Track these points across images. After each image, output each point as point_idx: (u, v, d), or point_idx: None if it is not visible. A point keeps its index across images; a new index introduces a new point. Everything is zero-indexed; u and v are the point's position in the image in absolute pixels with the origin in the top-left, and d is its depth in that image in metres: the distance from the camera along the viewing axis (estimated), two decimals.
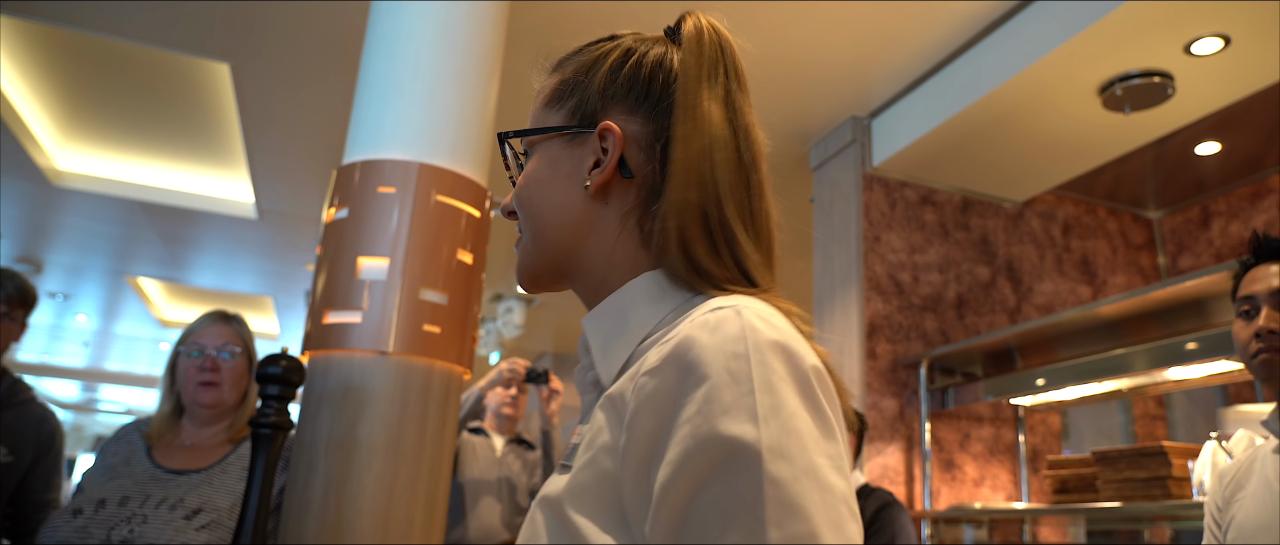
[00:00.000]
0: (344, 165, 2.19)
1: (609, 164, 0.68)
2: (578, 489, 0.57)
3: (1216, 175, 4.10)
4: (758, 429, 0.51)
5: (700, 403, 0.53)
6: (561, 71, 0.75)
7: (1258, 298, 1.36)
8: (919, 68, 3.40)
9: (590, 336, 0.68)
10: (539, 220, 0.71)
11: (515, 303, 6.77)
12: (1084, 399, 3.34)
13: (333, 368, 2.01)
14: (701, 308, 0.60)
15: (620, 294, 0.67)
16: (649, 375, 0.56)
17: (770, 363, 0.54)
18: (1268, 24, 2.66)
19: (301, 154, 4.44)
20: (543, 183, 0.71)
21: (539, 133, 0.73)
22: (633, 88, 0.70)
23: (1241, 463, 1.43)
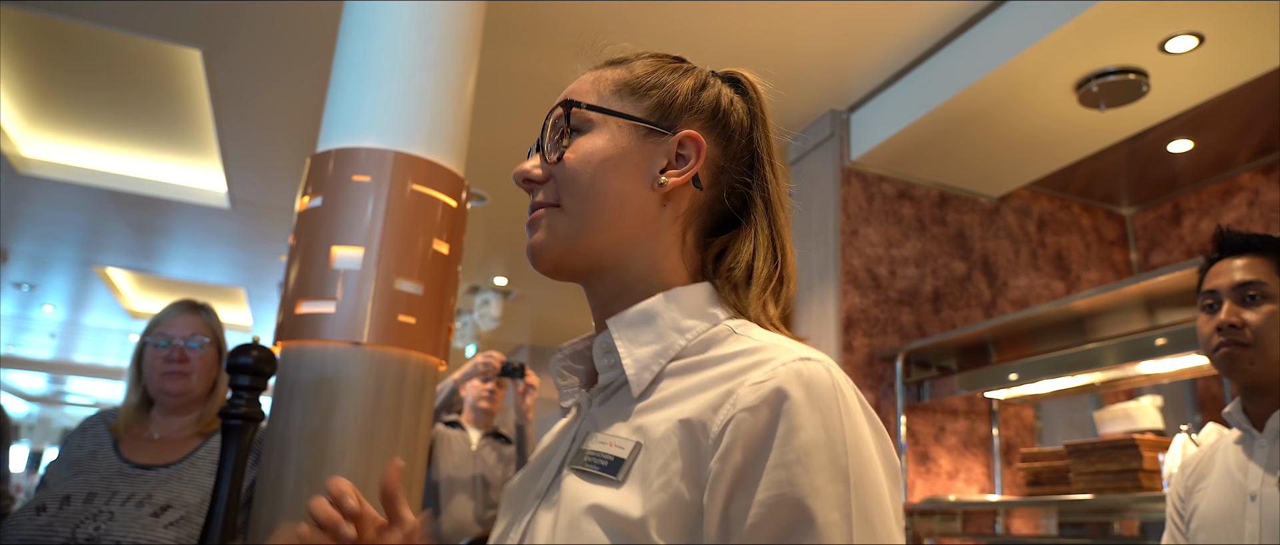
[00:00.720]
0: (318, 153, 2.16)
1: (690, 171, 0.70)
2: (655, 512, 0.57)
3: (1188, 173, 4.15)
4: (848, 492, 0.54)
5: (799, 452, 0.55)
6: (629, 68, 0.75)
7: (1220, 292, 1.38)
8: (898, 62, 3.41)
9: (619, 342, 0.67)
10: (596, 198, 0.69)
11: (492, 295, 6.74)
12: (1057, 392, 3.38)
13: (306, 358, 1.98)
14: (778, 349, 0.61)
15: (655, 305, 0.68)
16: (747, 412, 0.57)
17: (857, 425, 0.58)
18: (1241, 23, 2.69)
19: (275, 143, 4.38)
20: (610, 163, 0.70)
21: (619, 115, 0.71)
22: (715, 113, 0.73)
23: (1203, 454, 1.45)
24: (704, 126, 0.72)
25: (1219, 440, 1.44)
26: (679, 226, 0.71)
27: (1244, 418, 1.37)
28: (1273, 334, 1.31)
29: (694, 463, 0.57)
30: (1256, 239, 1.39)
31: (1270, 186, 3.95)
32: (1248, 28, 2.71)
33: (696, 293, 0.69)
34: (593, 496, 0.59)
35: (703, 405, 0.59)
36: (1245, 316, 1.34)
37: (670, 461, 0.58)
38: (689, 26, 3.19)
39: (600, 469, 0.61)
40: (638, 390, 0.65)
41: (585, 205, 0.69)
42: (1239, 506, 1.32)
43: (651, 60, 0.75)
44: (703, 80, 0.74)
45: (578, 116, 0.72)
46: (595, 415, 0.69)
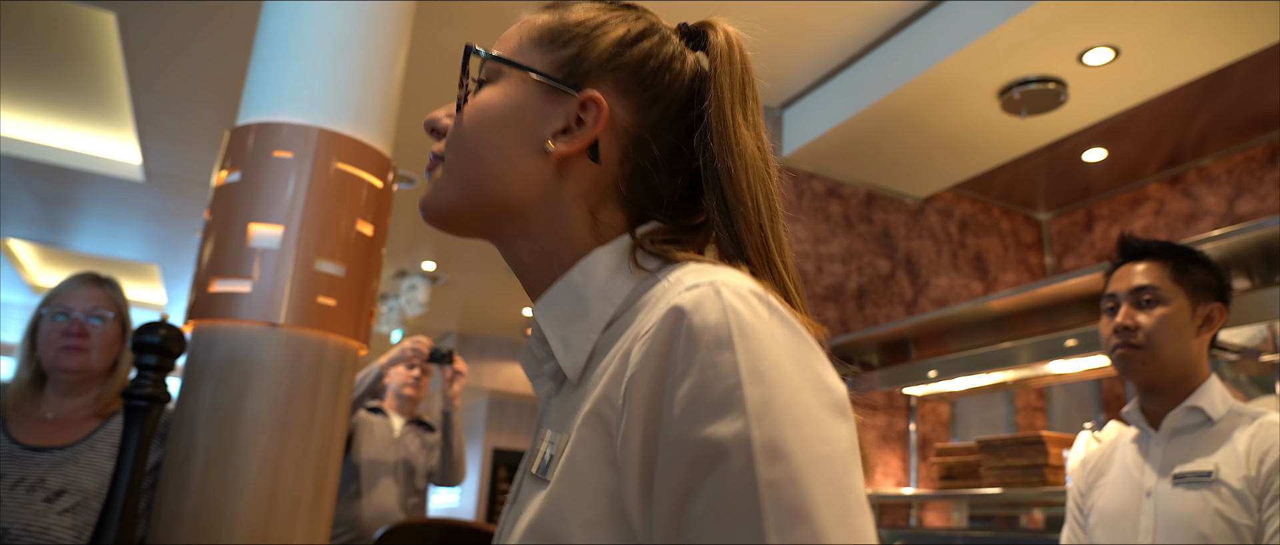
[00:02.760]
0: (238, 127, 2.08)
1: (582, 138, 0.61)
2: (570, 509, 0.51)
3: (1101, 181, 4.33)
4: (748, 427, 0.46)
5: (685, 402, 0.48)
6: (562, 13, 0.66)
7: (1119, 295, 1.44)
8: (830, 62, 3.46)
9: (545, 326, 0.61)
10: (476, 157, 0.62)
11: (419, 280, 6.62)
12: (972, 390, 3.48)
13: (218, 339, 1.91)
14: (674, 285, 0.54)
15: (573, 277, 0.61)
16: (633, 378, 0.50)
17: (759, 348, 0.49)
18: (1155, 39, 2.80)
19: (195, 113, 4.21)
20: (497, 120, 0.62)
21: (517, 66, 0.63)
22: (637, 73, 0.64)
23: (1103, 452, 1.51)
24: (625, 88, 0.63)
25: (1118, 439, 1.50)
26: (584, 202, 0.62)
27: (1141, 417, 1.43)
28: (1164, 336, 1.37)
29: (606, 443, 0.52)
30: (1154, 245, 1.45)
31: (1176, 197, 4.14)
32: (1161, 44, 2.83)
33: (612, 253, 0.61)
34: (531, 503, 0.55)
35: (609, 377, 0.53)
36: (1139, 319, 1.39)
37: (577, 449, 0.53)
38: None
39: (541, 472, 0.56)
40: (575, 375, 0.59)
41: (464, 163, 0.62)
42: (1135, 503, 1.38)
43: (588, 6, 0.66)
44: (639, 31, 0.65)
45: (486, 67, 0.65)
46: (551, 408, 0.63)
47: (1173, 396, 1.39)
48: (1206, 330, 1.40)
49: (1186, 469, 1.33)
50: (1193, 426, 1.38)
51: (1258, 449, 1.28)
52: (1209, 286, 1.41)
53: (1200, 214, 4.02)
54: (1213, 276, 1.42)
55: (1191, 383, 1.39)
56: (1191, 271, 1.41)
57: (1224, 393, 1.39)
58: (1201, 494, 1.29)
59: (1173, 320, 1.38)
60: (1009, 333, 3.18)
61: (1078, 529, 1.51)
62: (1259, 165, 3.82)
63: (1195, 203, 4.05)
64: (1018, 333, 3.13)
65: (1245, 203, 3.84)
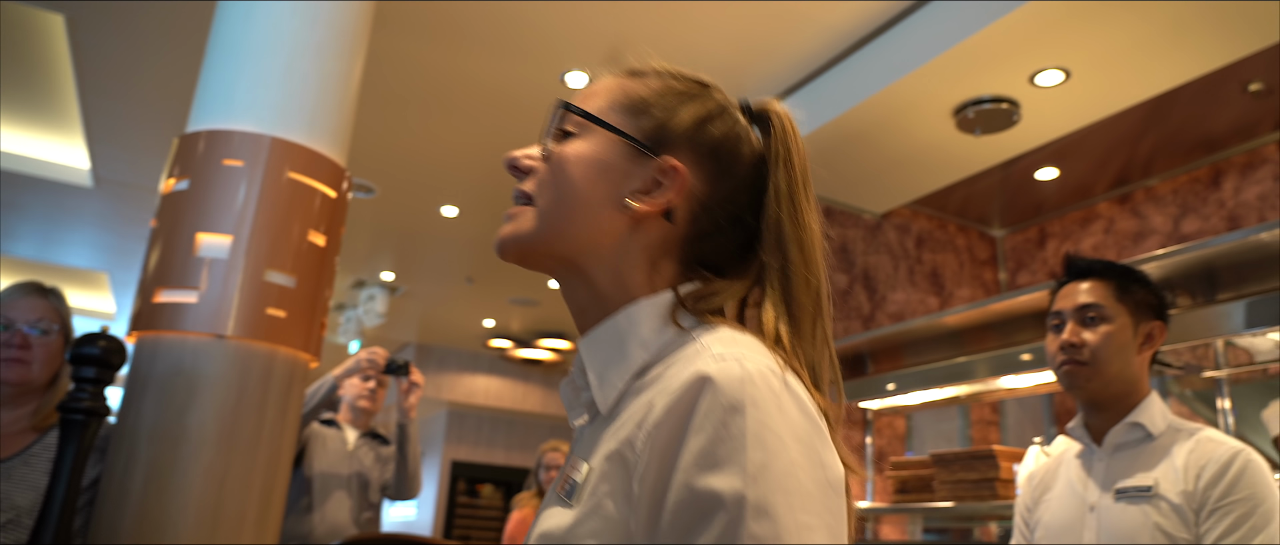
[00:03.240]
0: (187, 134, 2.04)
1: (660, 201, 0.69)
2: (586, 533, 0.58)
3: (1053, 199, 4.42)
4: (744, 486, 0.53)
5: (695, 455, 0.55)
6: (643, 81, 0.74)
7: (1064, 313, 1.47)
8: (790, 78, 3.49)
9: (587, 361, 0.68)
10: (567, 205, 0.69)
11: (378, 290, 6.54)
12: (927, 404, 3.52)
13: (162, 350, 1.86)
14: (703, 350, 0.61)
15: (618, 321, 0.67)
16: (656, 427, 0.57)
17: (767, 419, 0.55)
18: (1103, 62, 2.87)
19: (146, 119, 4.12)
20: (590, 174, 0.69)
21: (609, 128, 0.71)
22: (714, 148, 0.71)
23: (1049, 466, 1.54)
24: (697, 159, 0.70)
25: (1063, 454, 1.53)
26: (646, 256, 0.69)
27: (1085, 433, 1.46)
28: (1108, 353, 1.40)
29: (623, 482, 0.58)
30: (1099, 265, 1.48)
31: (1125, 215, 4.24)
32: (1109, 67, 2.90)
33: (657, 305, 0.67)
34: (547, 521, 0.62)
35: (634, 423, 0.60)
36: (1084, 336, 1.42)
37: (599, 484, 0.59)
38: (584, 29, 3.18)
39: (567, 494, 0.62)
40: (606, 409, 0.65)
41: (554, 207, 0.69)
42: (1079, 517, 1.40)
43: (669, 79, 0.74)
44: (712, 110, 0.72)
45: (573, 120, 0.72)
46: (583, 438, 0.69)
47: (1115, 412, 1.42)
48: (1147, 348, 1.43)
49: (1128, 483, 1.36)
50: (1134, 442, 1.41)
51: (1196, 464, 1.31)
52: (1150, 305, 1.44)
53: (1147, 233, 4.12)
54: (1153, 296, 1.46)
55: (1133, 399, 1.42)
56: (1133, 290, 1.44)
57: (1164, 409, 1.42)
58: (1142, 508, 1.32)
59: (1116, 338, 1.41)
60: (964, 347, 3.22)
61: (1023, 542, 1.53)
62: (1203, 186, 3.92)
63: (1143, 221, 4.15)
64: (972, 347, 3.18)
65: (1190, 222, 3.94)
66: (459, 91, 3.69)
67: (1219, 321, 2.38)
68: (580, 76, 3.50)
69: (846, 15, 3.06)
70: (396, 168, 4.55)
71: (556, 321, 7.55)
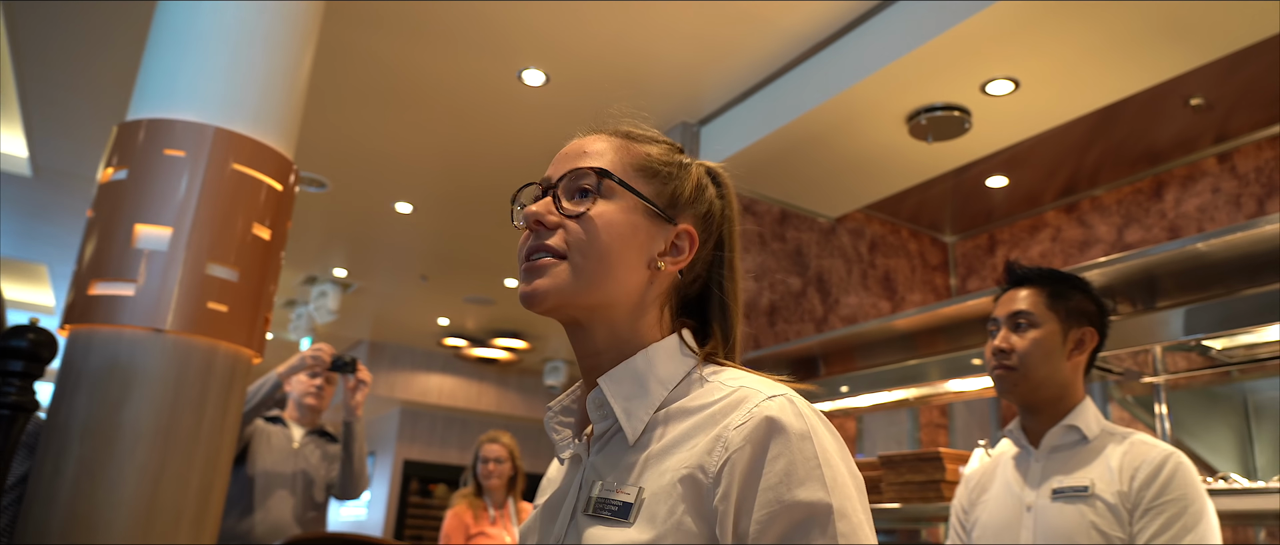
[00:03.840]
0: (127, 122, 1.98)
1: (683, 261, 0.81)
2: (663, 538, 0.68)
3: (1003, 207, 4.50)
4: (828, 495, 0.67)
5: (781, 475, 0.67)
6: (645, 147, 0.83)
7: (1000, 319, 1.51)
8: (747, 81, 3.51)
9: (611, 397, 0.77)
10: (603, 264, 0.77)
11: (330, 287, 6.44)
12: (877, 406, 3.56)
13: (97, 344, 1.81)
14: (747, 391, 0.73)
15: (637, 362, 0.78)
16: (737, 453, 0.69)
17: (825, 443, 0.70)
18: (1052, 73, 2.93)
19: (88, 107, 4.00)
20: (621, 236, 0.78)
21: (642, 198, 0.80)
22: (707, 213, 0.84)
23: (986, 468, 1.57)
24: (698, 223, 0.83)
25: (1000, 456, 1.56)
26: (659, 304, 0.81)
27: (1022, 435, 1.50)
28: (1035, 358, 1.44)
29: (697, 501, 0.69)
30: (1034, 272, 1.53)
31: (1071, 224, 4.34)
32: (1058, 78, 2.96)
33: (668, 347, 0.79)
34: (608, 537, 0.70)
35: (699, 451, 0.71)
36: (1013, 341, 1.47)
37: (676, 504, 0.69)
38: (541, 28, 3.16)
39: (612, 513, 0.71)
40: (633, 438, 0.75)
41: (594, 266, 0.77)
42: (1016, 516, 1.43)
43: (665, 147, 0.85)
44: (701, 179, 0.85)
45: (605, 184, 0.80)
46: (596, 463, 0.77)
47: (1050, 415, 1.46)
48: (1078, 353, 1.47)
49: (1064, 484, 1.39)
50: (1070, 444, 1.44)
51: (1130, 465, 1.35)
52: (1084, 312, 1.48)
53: (1093, 241, 4.21)
54: (1089, 303, 1.49)
55: (1067, 403, 1.45)
56: (1067, 297, 1.48)
57: (1098, 413, 1.47)
58: (1078, 508, 1.35)
59: (1044, 343, 1.45)
60: (915, 351, 3.26)
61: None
62: (1146, 197, 4.03)
63: (1088, 230, 4.25)
64: (923, 351, 3.22)
65: (1133, 232, 4.05)
66: (414, 87, 3.65)
67: (1158, 328, 2.44)
68: (537, 74, 3.48)
69: (804, 19, 3.08)
70: (349, 162, 4.48)
71: (512, 320, 7.49)
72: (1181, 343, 2.47)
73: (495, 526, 3.40)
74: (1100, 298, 1.51)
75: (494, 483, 3.47)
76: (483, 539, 3.34)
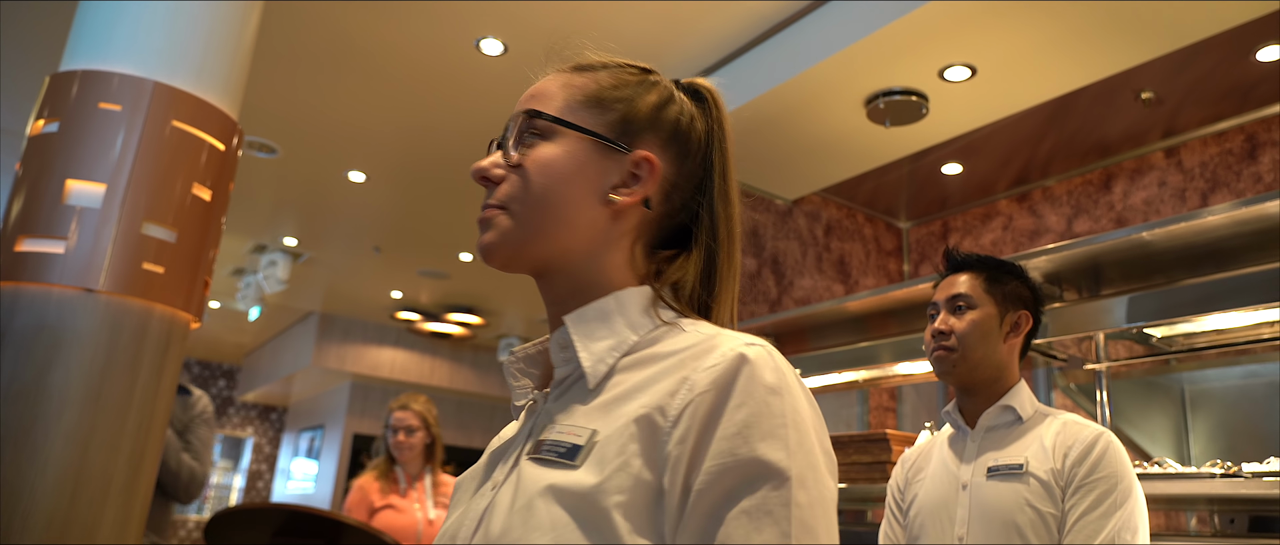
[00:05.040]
0: (59, 73, 1.90)
1: (640, 191, 0.73)
2: (614, 489, 0.61)
3: (957, 195, 4.55)
4: (789, 457, 0.60)
5: (739, 425, 0.61)
6: (594, 76, 0.77)
7: (939, 303, 1.56)
8: (708, 58, 3.49)
9: (576, 336, 0.71)
10: (546, 210, 0.72)
11: (280, 256, 6.31)
12: (828, 387, 3.59)
13: (23, 303, 1.73)
14: (723, 337, 0.66)
15: (608, 303, 0.72)
16: (700, 397, 0.62)
17: (798, 405, 0.63)
18: (1008, 62, 2.96)
19: (20, 57, 3.85)
20: (564, 177, 0.72)
21: (581, 130, 0.73)
22: (674, 132, 0.76)
23: (923, 449, 1.61)
24: (661, 145, 0.75)
25: (936, 437, 1.60)
26: (628, 240, 0.74)
27: (959, 416, 1.54)
28: (973, 340, 1.49)
29: (651, 445, 0.62)
30: (972, 258, 1.58)
31: (1023, 213, 4.41)
32: (1013, 67, 2.99)
33: (643, 294, 0.73)
34: (549, 478, 0.63)
35: (661, 392, 0.64)
36: (953, 324, 1.51)
37: (627, 444, 0.62)
38: (498, 3, 3.11)
39: (558, 455, 0.65)
40: (593, 382, 0.69)
41: (533, 213, 0.72)
42: (953, 495, 1.46)
43: (618, 71, 0.77)
44: (666, 96, 0.76)
45: (540, 125, 0.74)
46: (551, 409, 0.72)
47: (985, 397, 1.49)
48: (1014, 335, 1.52)
49: (999, 462, 1.42)
50: (1005, 425, 1.48)
51: (1062, 444, 1.38)
52: (1020, 297, 1.53)
53: (1043, 231, 4.28)
54: (1025, 288, 1.55)
55: (1003, 384, 1.50)
56: (1004, 281, 1.53)
57: (1031, 395, 1.51)
58: (1012, 486, 1.38)
59: (981, 325, 1.49)
60: (866, 333, 3.29)
61: (894, 524, 1.59)
62: (1095, 188, 4.10)
63: (1039, 220, 4.32)
64: (874, 333, 3.25)
65: (1082, 222, 4.12)
66: (370, 54, 3.56)
67: (1101, 316, 2.49)
68: (495, 44, 3.42)
69: None
70: (301, 128, 4.38)
71: (466, 295, 7.42)
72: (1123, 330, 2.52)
73: (406, 499, 3.05)
74: (1037, 284, 1.55)
75: (406, 455, 3.09)
76: (390, 512, 3.01)
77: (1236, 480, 1.91)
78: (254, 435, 11.55)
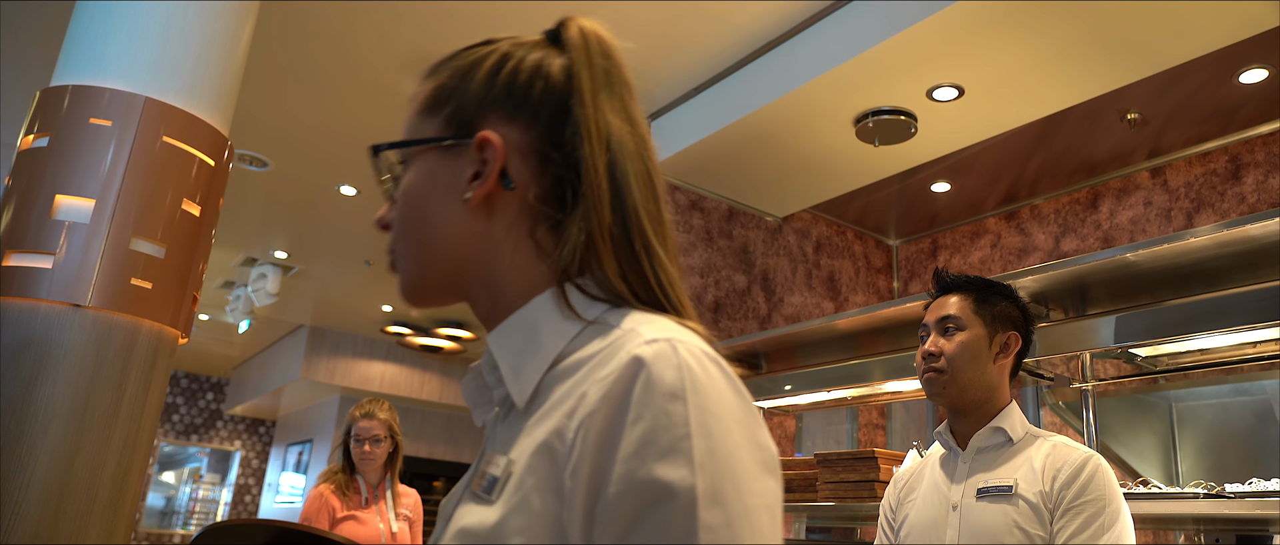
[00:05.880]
0: (50, 88, 1.90)
1: (490, 176, 0.65)
2: (513, 530, 0.55)
3: (946, 213, 4.58)
4: (693, 474, 0.51)
5: (637, 444, 0.52)
6: (436, 77, 0.71)
7: (929, 325, 1.57)
8: (698, 76, 3.51)
9: (498, 355, 0.65)
10: (420, 236, 0.67)
11: (270, 268, 6.29)
12: (816, 404, 3.60)
13: (10, 317, 1.73)
14: (630, 336, 0.58)
15: (527, 311, 0.65)
16: (589, 416, 0.55)
17: (707, 406, 0.54)
18: (997, 82, 2.99)
19: (12, 69, 3.84)
20: (421, 196, 0.67)
21: (414, 144, 0.68)
22: (511, 94, 0.67)
23: (915, 469, 1.61)
24: (508, 114, 0.66)
25: (928, 457, 1.60)
26: (517, 232, 0.65)
27: (950, 437, 1.54)
28: (962, 361, 1.49)
29: (550, 474, 0.55)
30: (961, 280, 1.59)
31: (1011, 232, 4.44)
32: (1001, 87, 3.02)
33: (556, 294, 0.64)
34: (463, 519, 0.59)
35: (561, 413, 0.57)
36: (942, 345, 1.52)
37: (526, 477, 0.56)
38: (494, 16, 3.12)
39: (483, 490, 0.59)
40: (522, 403, 0.62)
41: (411, 245, 0.68)
42: (943, 515, 1.46)
43: (456, 58, 0.70)
44: (497, 61, 0.68)
45: (387, 159, 0.70)
46: (496, 434, 0.66)
47: (976, 418, 1.50)
48: (1003, 356, 1.52)
49: (989, 483, 1.42)
50: (995, 446, 1.48)
51: (1052, 467, 1.39)
52: (1009, 317, 1.53)
53: (1030, 249, 4.31)
54: (1014, 308, 1.55)
55: (993, 405, 1.50)
56: (992, 302, 1.54)
57: (1022, 417, 1.51)
58: (1001, 507, 1.38)
59: (971, 346, 1.50)
60: (856, 351, 3.30)
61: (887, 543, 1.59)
62: (1082, 207, 4.14)
63: (1027, 238, 4.35)
64: (864, 351, 3.26)
65: (1069, 241, 4.15)
66: (362, 69, 3.57)
67: (1088, 335, 2.51)
68: None
69: (755, 17, 3.09)
70: (293, 142, 4.38)
71: (456, 310, 7.42)
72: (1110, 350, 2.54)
73: (368, 510, 2.91)
74: (1026, 304, 1.56)
75: (370, 466, 2.94)
76: (353, 523, 2.86)
77: (1220, 500, 1.93)
78: (242, 449, 11.47)
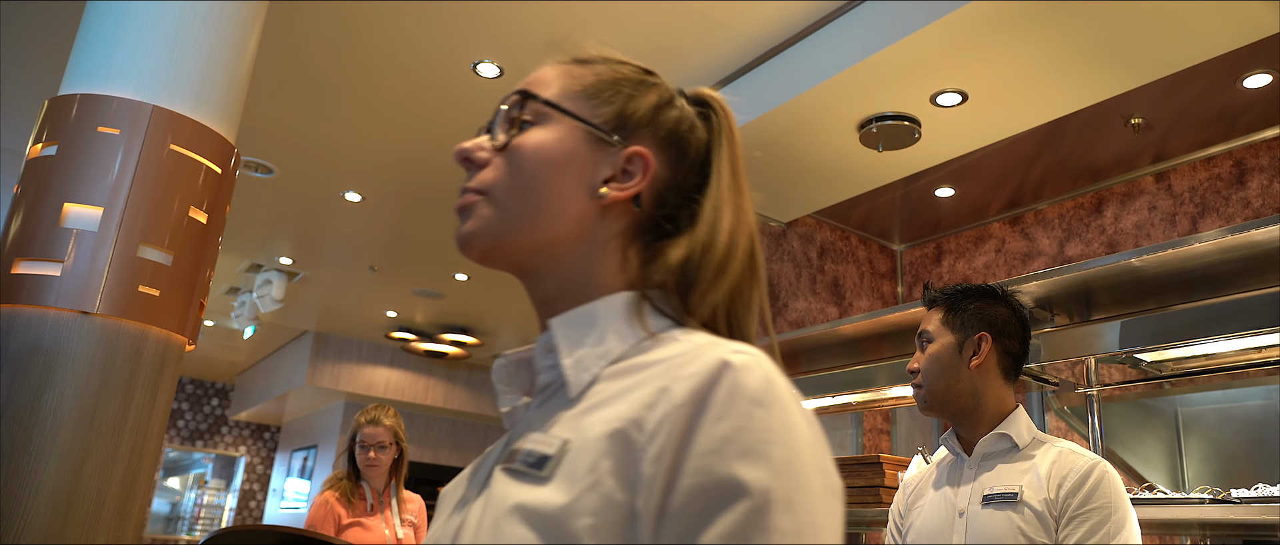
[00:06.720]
0: (59, 96, 1.91)
1: (632, 188, 0.69)
2: (584, 511, 0.56)
3: (950, 217, 4.58)
4: (771, 477, 0.53)
5: (718, 441, 0.54)
6: (593, 68, 0.74)
7: (918, 340, 1.58)
8: (701, 82, 3.51)
9: (560, 341, 0.67)
10: (532, 197, 0.68)
11: (275, 275, 6.31)
12: (821, 410, 3.60)
13: (19, 325, 1.74)
14: (712, 346, 0.61)
15: (597, 308, 0.68)
16: (676, 408, 0.57)
17: (790, 420, 0.56)
18: (1000, 88, 2.99)
19: (21, 77, 3.86)
20: (555, 164, 0.69)
21: (574, 116, 0.70)
22: (672, 135, 0.72)
23: (923, 475, 1.61)
24: (657, 146, 0.71)
25: (937, 463, 1.61)
26: (619, 242, 0.70)
27: (956, 443, 1.54)
28: (933, 372, 1.51)
29: (626, 463, 0.56)
30: (937, 293, 1.60)
31: (1015, 236, 4.43)
32: (1005, 92, 3.02)
33: (633, 301, 0.68)
34: (517, 495, 0.59)
35: (638, 403, 0.59)
36: (919, 360, 1.55)
37: (599, 461, 0.57)
38: (495, 21, 3.13)
39: (528, 466, 0.60)
40: (575, 390, 0.64)
41: (518, 200, 0.68)
42: (949, 522, 1.46)
43: (617, 66, 0.74)
44: (665, 98, 0.73)
45: (532, 109, 0.71)
46: (531, 417, 0.68)
47: (976, 423, 1.50)
48: (977, 358, 1.50)
49: (994, 490, 1.42)
50: (1001, 452, 1.48)
51: (1057, 474, 1.38)
52: (981, 317, 1.52)
53: (1035, 254, 4.31)
54: (991, 307, 1.54)
55: (992, 410, 1.49)
56: (962, 308, 1.54)
57: (1029, 423, 1.51)
58: (1007, 514, 1.38)
59: (940, 356, 1.51)
60: (860, 356, 3.31)
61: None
62: (1086, 212, 4.13)
63: (1031, 243, 4.34)
64: (868, 356, 3.26)
65: (1073, 246, 4.15)
66: (367, 76, 3.59)
67: (1092, 340, 2.51)
68: (491, 67, 3.44)
69: (758, 23, 3.10)
70: (298, 149, 4.39)
71: (461, 315, 7.42)
72: (1115, 355, 2.54)
73: (373, 517, 2.91)
74: (1014, 302, 1.55)
75: (375, 472, 2.96)
76: (358, 530, 2.86)
77: (1227, 506, 1.92)
78: (247, 455, 11.49)
